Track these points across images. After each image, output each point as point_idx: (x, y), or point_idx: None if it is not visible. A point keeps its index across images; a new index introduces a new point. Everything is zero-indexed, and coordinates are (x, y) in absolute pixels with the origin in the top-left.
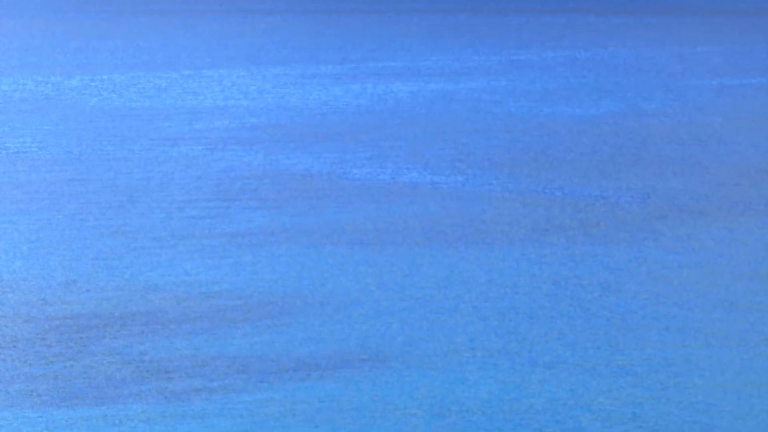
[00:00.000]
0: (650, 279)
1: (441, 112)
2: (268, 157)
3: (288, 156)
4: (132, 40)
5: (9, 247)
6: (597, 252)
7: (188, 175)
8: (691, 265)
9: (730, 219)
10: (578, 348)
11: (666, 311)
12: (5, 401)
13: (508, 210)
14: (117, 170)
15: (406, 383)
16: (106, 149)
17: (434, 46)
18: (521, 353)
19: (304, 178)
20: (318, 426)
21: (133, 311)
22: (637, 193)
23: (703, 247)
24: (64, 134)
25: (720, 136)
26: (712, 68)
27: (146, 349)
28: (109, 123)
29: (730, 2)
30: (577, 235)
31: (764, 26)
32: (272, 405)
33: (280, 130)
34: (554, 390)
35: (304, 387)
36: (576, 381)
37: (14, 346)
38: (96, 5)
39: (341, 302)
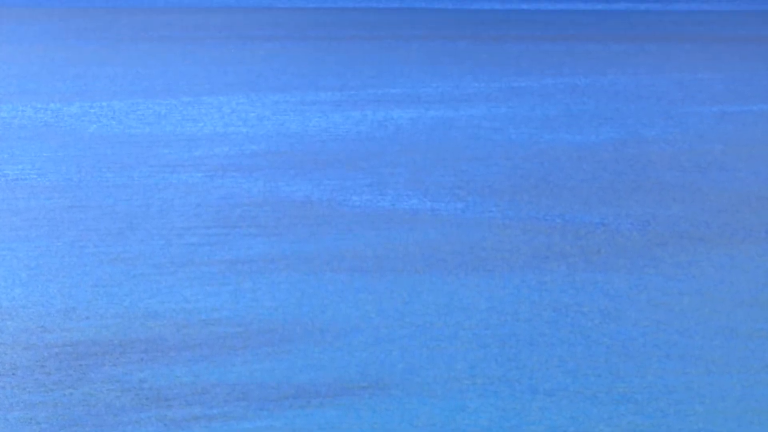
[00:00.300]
0: (650, 306)
1: (441, 139)
2: (267, 184)
3: (288, 183)
4: (131, 67)
5: (8, 274)
6: (597, 279)
7: (188, 202)
8: (691, 292)
9: (730, 246)
10: (579, 375)
11: (666, 338)
12: (4, 428)
13: (509, 237)
14: (116, 197)
15: (406, 410)
16: (105, 176)
17: (434, 73)
18: (522, 380)
19: (303, 205)
20: None
21: (132, 338)
22: (638, 220)
23: (704, 274)
24: (64, 161)
25: (720, 163)
26: (712, 95)
27: (146, 376)
28: (108, 150)
29: (730, 29)
30: (577, 262)
31: (764, 53)
32: None
33: (279, 157)
34: (555, 417)
35: (304, 414)
36: (577, 408)
37: (13, 374)
38: (95, 32)
39: (341, 329)
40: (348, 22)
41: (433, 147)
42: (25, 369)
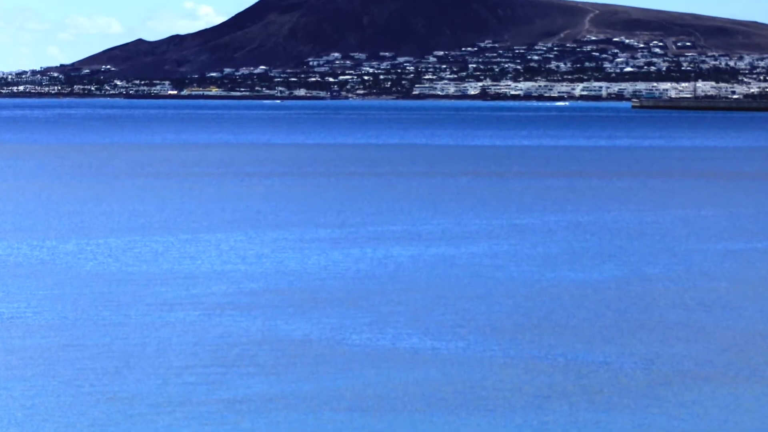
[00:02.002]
0: None
1: (442, 277)
2: (266, 322)
3: (287, 321)
4: (128, 204)
5: (3, 413)
6: (600, 419)
7: (185, 341)
8: None
9: (735, 385)
10: None
11: None
12: None
13: (510, 376)
14: (113, 335)
15: None
16: (101, 314)
17: (434, 210)
18: None
19: (302, 343)
20: None
21: None
22: (641, 358)
23: (708, 414)
24: (59, 299)
25: (725, 301)
26: (717, 232)
27: None
28: (104, 288)
29: (734, 165)
30: (579, 401)
31: None
32: None
33: (278, 295)
34: None
35: None
36: None
37: None
38: (91, 168)
39: None
40: (347, 159)
41: (434, 285)
42: None
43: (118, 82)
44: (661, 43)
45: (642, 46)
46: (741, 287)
